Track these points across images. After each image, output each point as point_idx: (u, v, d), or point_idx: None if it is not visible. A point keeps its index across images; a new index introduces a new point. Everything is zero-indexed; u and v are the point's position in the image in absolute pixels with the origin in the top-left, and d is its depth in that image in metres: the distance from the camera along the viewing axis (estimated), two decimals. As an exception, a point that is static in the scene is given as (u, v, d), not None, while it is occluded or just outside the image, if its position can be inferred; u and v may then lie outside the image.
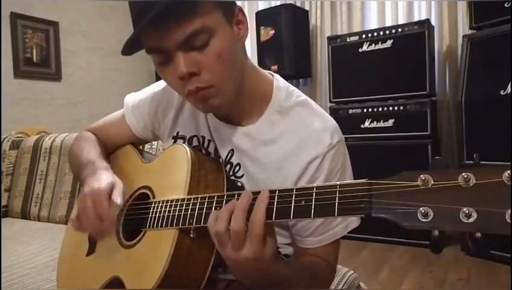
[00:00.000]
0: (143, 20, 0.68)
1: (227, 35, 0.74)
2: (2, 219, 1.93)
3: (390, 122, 2.92)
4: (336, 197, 0.58)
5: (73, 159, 1.04)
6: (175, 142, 0.95)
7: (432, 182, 0.48)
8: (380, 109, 2.95)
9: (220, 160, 0.89)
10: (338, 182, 0.59)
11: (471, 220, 0.45)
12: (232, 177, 0.87)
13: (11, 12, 3.46)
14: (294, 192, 0.63)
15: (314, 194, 0.60)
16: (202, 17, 0.70)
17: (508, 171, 0.44)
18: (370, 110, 2.99)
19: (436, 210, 0.47)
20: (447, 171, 0.48)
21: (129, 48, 0.75)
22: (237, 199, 0.67)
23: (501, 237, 2.21)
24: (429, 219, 0.48)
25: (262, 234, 0.63)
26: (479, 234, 0.44)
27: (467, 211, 0.45)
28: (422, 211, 0.48)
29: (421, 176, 0.49)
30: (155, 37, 0.72)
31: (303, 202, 0.61)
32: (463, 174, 0.46)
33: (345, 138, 0.85)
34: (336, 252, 0.86)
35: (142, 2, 0.71)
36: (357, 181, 0.57)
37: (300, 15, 3.61)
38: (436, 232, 0.53)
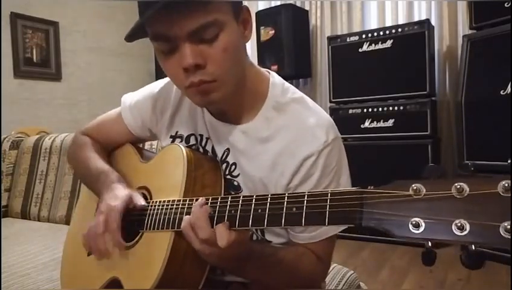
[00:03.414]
0: (155, 3, 0.67)
1: (234, 32, 0.75)
2: (2, 219, 1.93)
3: (390, 122, 2.91)
4: (326, 205, 0.57)
5: (80, 169, 1.04)
6: (173, 141, 0.95)
7: (424, 192, 0.47)
8: (380, 109, 2.94)
9: (217, 158, 0.89)
10: (329, 190, 0.58)
11: (464, 232, 0.43)
12: (229, 177, 0.87)
13: (11, 12, 3.46)
14: (286, 199, 0.62)
15: (305, 201, 0.60)
16: (216, 10, 0.70)
17: (503, 182, 0.43)
18: (370, 110, 2.98)
19: (427, 221, 0.46)
20: (440, 181, 0.46)
21: (133, 35, 0.75)
22: (231, 201, 0.69)
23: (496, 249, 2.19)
24: (421, 231, 0.47)
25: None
26: (472, 247, 0.43)
27: (459, 224, 0.43)
28: (414, 222, 0.47)
29: (413, 185, 0.47)
30: (165, 24, 0.70)
31: (294, 209, 0.61)
32: (456, 184, 0.45)
33: (344, 138, 0.84)
34: (329, 248, 0.86)
35: None
36: (349, 189, 0.56)
37: (301, 15, 3.60)
38: (429, 244, 0.51)
